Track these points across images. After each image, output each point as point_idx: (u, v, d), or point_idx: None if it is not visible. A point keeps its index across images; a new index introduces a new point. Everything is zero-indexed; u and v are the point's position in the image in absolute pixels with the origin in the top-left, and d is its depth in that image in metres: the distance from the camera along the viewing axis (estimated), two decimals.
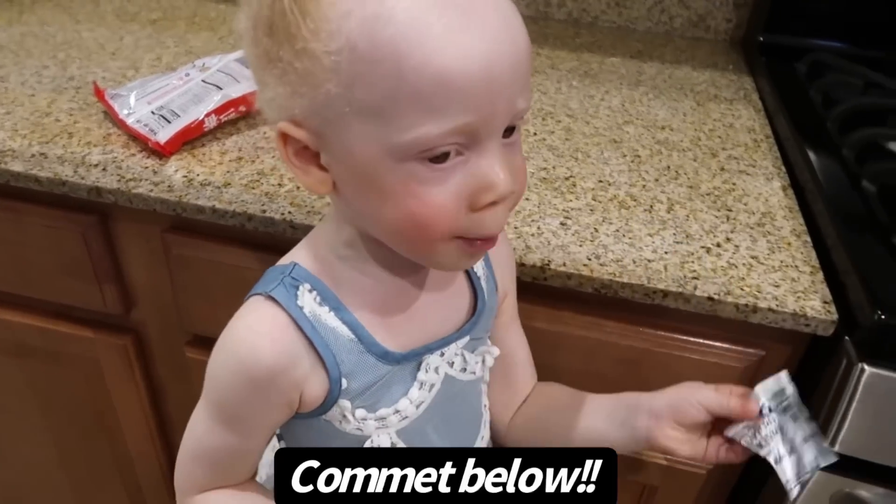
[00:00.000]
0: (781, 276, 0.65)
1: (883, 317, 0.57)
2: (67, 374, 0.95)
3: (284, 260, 0.49)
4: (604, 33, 1.18)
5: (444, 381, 0.52)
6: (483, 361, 0.56)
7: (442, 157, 0.38)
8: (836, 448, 0.62)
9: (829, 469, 0.63)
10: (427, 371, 0.51)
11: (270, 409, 0.47)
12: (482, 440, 0.59)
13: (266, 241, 0.72)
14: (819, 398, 0.64)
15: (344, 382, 0.47)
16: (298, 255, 0.49)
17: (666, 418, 0.53)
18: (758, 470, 0.75)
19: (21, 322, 0.90)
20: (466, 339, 0.53)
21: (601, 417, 0.57)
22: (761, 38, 1.07)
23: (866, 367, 0.58)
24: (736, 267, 0.66)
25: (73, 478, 1.10)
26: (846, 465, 0.63)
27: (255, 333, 0.45)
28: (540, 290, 0.67)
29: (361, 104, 0.37)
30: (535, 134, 0.86)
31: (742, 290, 0.63)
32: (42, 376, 0.96)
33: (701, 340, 0.68)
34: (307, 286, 0.46)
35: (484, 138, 0.38)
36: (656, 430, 0.53)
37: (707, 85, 1.02)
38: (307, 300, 0.46)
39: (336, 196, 0.44)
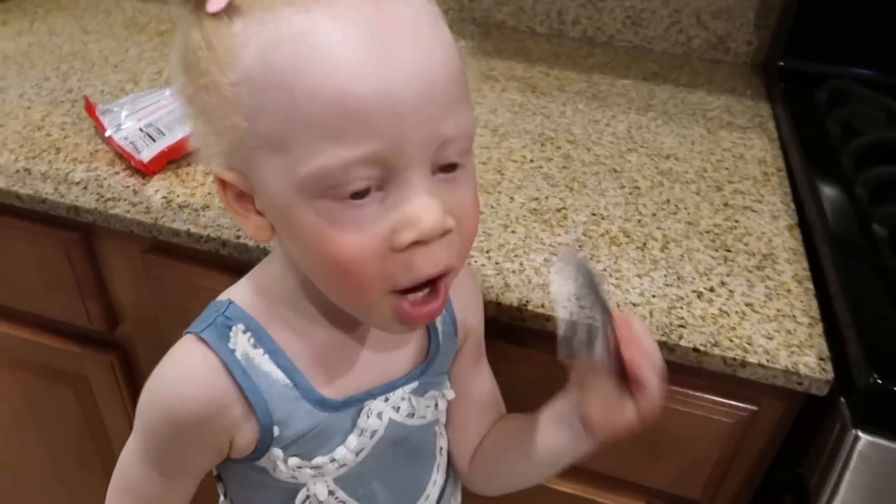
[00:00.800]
0: (776, 326, 0.61)
1: (879, 380, 0.52)
2: (58, 387, 0.95)
3: (223, 295, 0.47)
4: (618, 53, 1.14)
5: (389, 426, 0.49)
6: (435, 406, 0.53)
7: (358, 195, 0.35)
8: None
9: None
10: (368, 417, 0.48)
11: (197, 453, 0.46)
12: (434, 485, 0.56)
13: (241, 266, 0.70)
14: (812, 461, 0.59)
15: (276, 430, 0.45)
16: (236, 293, 0.47)
17: (577, 389, 0.47)
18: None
19: (11, 334, 0.90)
20: (415, 384, 0.50)
21: (548, 428, 0.52)
22: (781, 63, 1.02)
23: (861, 433, 0.54)
24: (728, 315, 0.62)
25: (67, 487, 1.10)
26: None
27: (184, 376, 0.44)
28: (517, 331, 0.64)
29: (264, 136, 0.36)
30: (531, 161, 0.83)
31: (731, 341, 0.59)
32: (34, 388, 0.96)
33: (688, 391, 0.64)
34: (241, 326, 0.44)
35: (401, 170, 0.35)
36: (585, 416, 0.46)
37: (721, 111, 0.97)
38: (240, 341, 0.44)
39: (278, 241, 0.42)
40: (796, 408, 0.63)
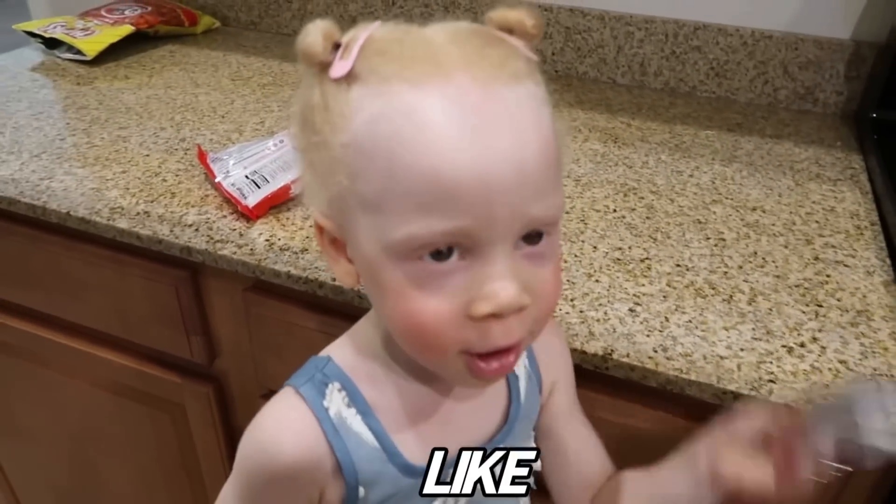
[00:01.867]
0: None
1: None
2: (156, 414, 1.01)
3: (325, 351, 0.50)
4: (701, 104, 1.14)
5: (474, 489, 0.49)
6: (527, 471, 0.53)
7: (442, 255, 0.37)
8: None
9: None
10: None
11: (290, 502, 0.47)
12: None
13: (336, 307, 0.74)
14: None
15: (361, 491, 0.47)
16: (335, 350, 0.49)
17: (722, 443, 0.47)
18: None
19: (118, 362, 0.97)
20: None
21: (668, 476, 0.52)
22: (874, 115, 1.00)
23: None
24: (820, 371, 0.61)
25: None
26: None
27: (281, 428, 0.46)
28: (602, 378, 0.65)
29: (363, 197, 0.38)
30: (614, 211, 0.84)
31: (824, 399, 0.58)
32: (133, 414, 1.03)
33: None
34: (337, 385, 0.47)
35: (486, 244, 0.37)
36: (716, 459, 0.46)
37: (809, 163, 0.96)
38: (335, 400, 0.46)
39: (368, 295, 0.45)
40: (894, 472, 0.61)
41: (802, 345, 0.64)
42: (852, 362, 0.62)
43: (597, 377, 0.65)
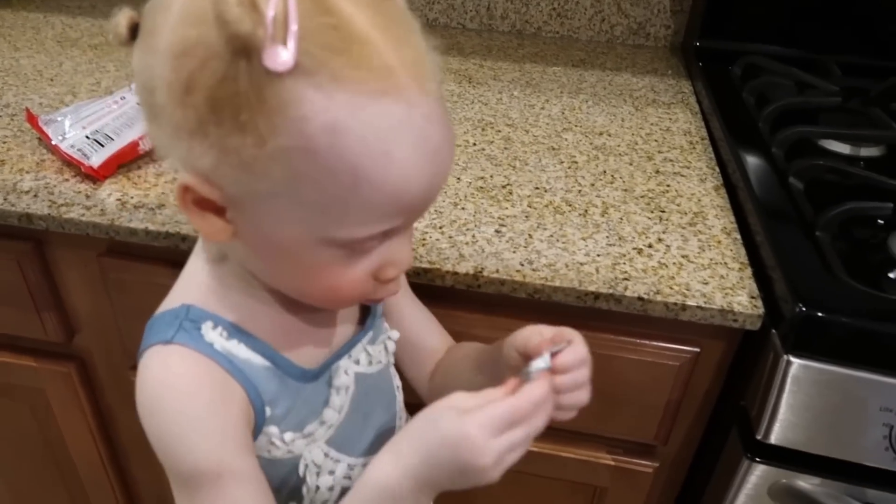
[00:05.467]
0: (710, 273, 0.66)
1: (804, 308, 0.58)
2: (13, 405, 0.93)
3: (168, 305, 0.48)
4: (547, 43, 1.19)
5: (357, 379, 0.53)
6: (385, 348, 0.58)
7: (367, 246, 0.41)
8: (771, 440, 0.63)
9: (766, 461, 0.64)
10: (340, 376, 0.52)
11: (232, 424, 0.45)
12: (401, 420, 0.60)
13: None
14: (752, 392, 0.65)
15: (268, 410, 0.47)
16: (186, 296, 0.47)
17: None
18: (704, 469, 0.75)
19: None
20: (369, 334, 0.55)
21: (486, 363, 0.55)
22: (697, 44, 1.09)
23: (792, 358, 0.60)
24: (666, 266, 0.67)
25: None
26: (782, 457, 0.64)
27: (176, 375, 0.44)
28: (475, 297, 0.67)
29: (304, 199, 0.38)
30: (474, 144, 0.87)
31: (671, 288, 0.64)
32: None
33: (637, 340, 0.69)
34: (210, 323, 0.46)
35: (403, 229, 0.43)
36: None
37: (646, 90, 1.04)
38: (214, 337, 0.45)
39: (231, 242, 0.43)
40: (734, 346, 0.69)
41: (650, 246, 0.70)
42: (692, 255, 0.68)
43: (470, 297, 0.67)
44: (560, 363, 0.45)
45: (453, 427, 0.41)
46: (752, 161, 0.80)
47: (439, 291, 0.68)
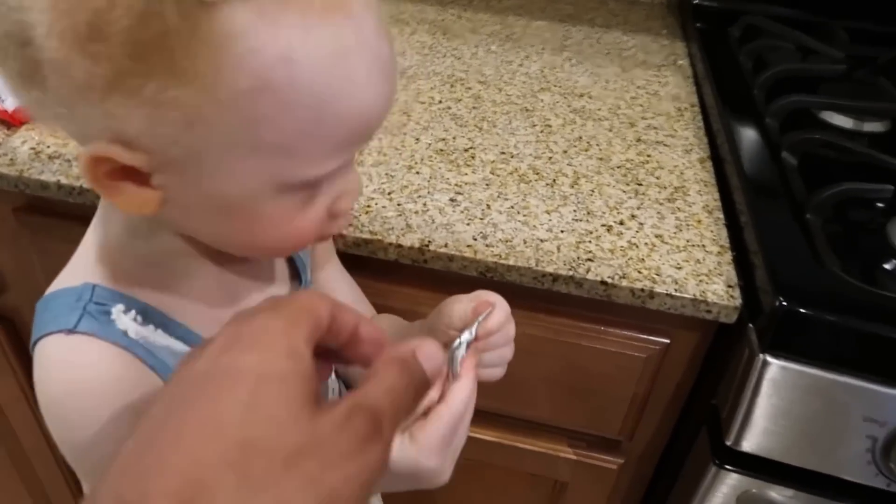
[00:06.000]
0: (685, 256, 0.59)
1: (784, 303, 0.51)
2: None
3: (65, 282, 0.40)
4: None
5: None
6: None
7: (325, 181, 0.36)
8: (742, 447, 0.57)
9: (736, 469, 0.58)
10: None
11: None
12: (333, 392, 0.55)
13: None
14: (724, 392, 0.58)
15: None
16: (91, 274, 0.40)
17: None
18: (671, 470, 0.70)
19: None
20: None
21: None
22: (695, 2, 1.00)
23: (769, 358, 0.53)
24: (637, 247, 0.60)
25: None
26: (754, 465, 0.58)
27: (84, 372, 0.37)
28: (423, 272, 0.60)
29: (262, 146, 0.32)
30: (439, 102, 0.78)
31: (640, 272, 0.57)
32: None
33: (600, 328, 0.62)
34: (121, 307, 0.38)
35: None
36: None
37: (636, 50, 0.95)
38: (127, 323, 0.38)
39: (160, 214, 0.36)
40: (708, 339, 0.62)
41: (622, 223, 0.62)
42: (667, 236, 0.61)
43: (416, 272, 0.60)
44: (486, 329, 0.43)
45: (407, 458, 0.37)
46: (743, 132, 0.73)
47: (383, 264, 0.61)
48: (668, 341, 0.62)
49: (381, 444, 0.26)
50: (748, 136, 0.72)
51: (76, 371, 0.37)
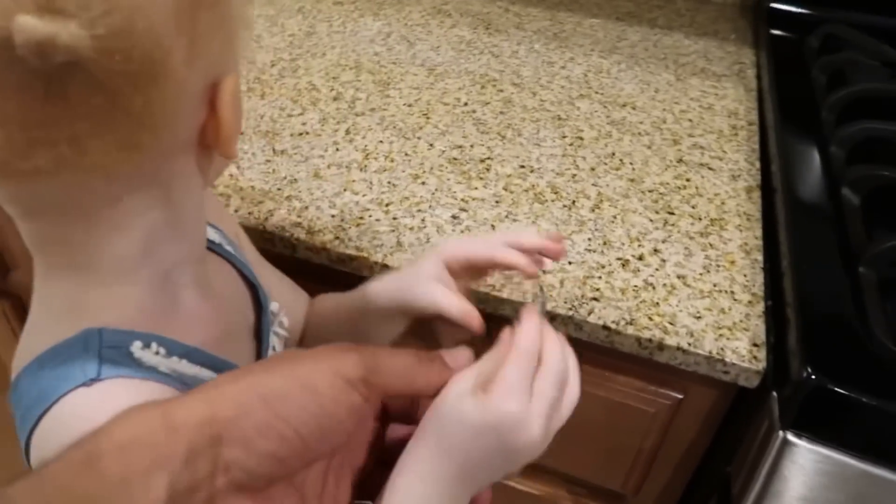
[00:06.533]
0: (709, 303, 0.52)
1: (814, 376, 0.43)
2: None
3: (43, 343, 0.33)
4: None
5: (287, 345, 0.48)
6: (281, 323, 0.48)
7: None
8: None
9: None
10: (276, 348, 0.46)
11: None
12: None
13: None
14: (739, 463, 0.51)
15: None
16: (84, 320, 0.34)
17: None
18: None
19: None
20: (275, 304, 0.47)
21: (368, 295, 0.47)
22: (771, 5, 0.90)
23: (791, 437, 0.45)
24: (653, 288, 0.53)
25: None
26: None
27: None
28: None
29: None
30: (465, 104, 0.73)
31: (651, 319, 0.50)
32: None
33: (605, 373, 0.55)
34: (138, 344, 0.34)
35: None
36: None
37: (697, 56, 0.86)
38: (152, 358, 0.34)
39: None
40: (730, 397, 0.54)
41: (641, 257, 0.55)
42: (692, 277, 0.54)
43: None
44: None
45: (483, 412, 0.32)
46: (801, 159, 0.64)
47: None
48: (681, 396, 0.55)
49: None
50: (807, 164, 0.63)
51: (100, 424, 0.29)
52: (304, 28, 0.85)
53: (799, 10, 0.89)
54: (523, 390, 0.33)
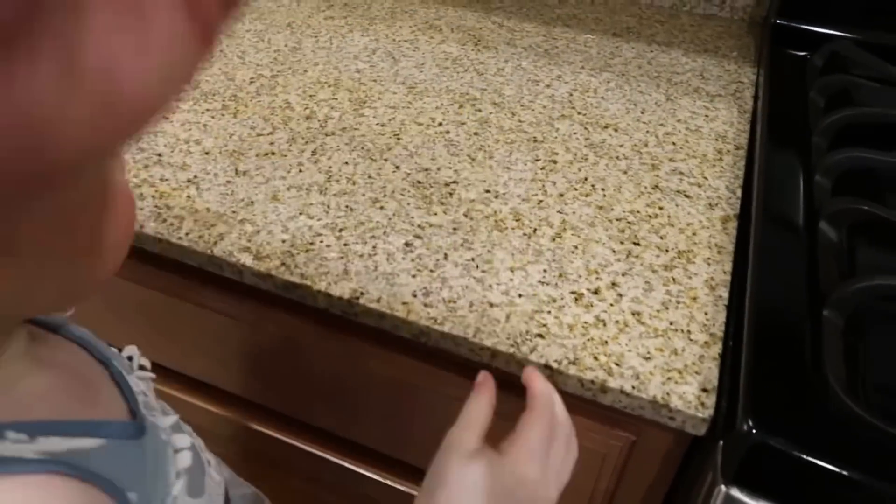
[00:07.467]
0: (661, 343, 0.49)
1: (754, 429, 0.40)
2: None
3: None
4: (595, 4, 0.99)
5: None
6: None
7: None
8: None
9: None
10: (162, 415, 0.39)
11: None
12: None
13: None
14: None
15: (133, 496, 0.32)
16: None
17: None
18: None
19: None
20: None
21: None
22: (776, 21, 0.86)
23: (732, 492, 0.42)
24: (604, 325, 0.50)
25: None
26: None
27: None
28: (359, 327, 0.54)
29: None
30: (439, 125, 0.71)
31: (596, 359, 0.48)
32: None
33: None
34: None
35: None
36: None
37: (692, 75, 0.83)
38: (18, 449, 0.29)
39: None
40: (686, 442, 0.51)
41: (596, 291, 0.53)
42: (648, 314, 0.51)
43: (348, 325, 0.54)
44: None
45: (501, 474, 0.36)
46: (784, 188, 0.60)
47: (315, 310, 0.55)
48: (634, 438, 0.52)
49: None
50: (789, 193, 0.60)
51: None
52: (290, 44, 0.85)
53: (807, 26, 0.85)
54: (544, 453, 0.37)
